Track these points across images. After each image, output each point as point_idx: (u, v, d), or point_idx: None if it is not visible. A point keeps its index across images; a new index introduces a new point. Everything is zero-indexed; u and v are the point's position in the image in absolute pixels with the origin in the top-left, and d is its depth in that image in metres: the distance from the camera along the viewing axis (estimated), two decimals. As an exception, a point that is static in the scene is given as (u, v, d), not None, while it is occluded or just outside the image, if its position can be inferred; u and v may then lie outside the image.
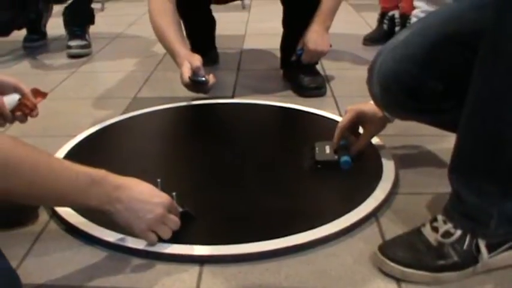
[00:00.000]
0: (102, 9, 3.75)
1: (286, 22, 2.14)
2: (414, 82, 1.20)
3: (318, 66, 2.13)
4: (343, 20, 3.31)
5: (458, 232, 1.01)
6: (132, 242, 1.10)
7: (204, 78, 1.79)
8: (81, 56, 2.58)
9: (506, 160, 0.97)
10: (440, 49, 1.17)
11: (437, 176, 1.36)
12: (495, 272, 1.03)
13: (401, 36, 1.23)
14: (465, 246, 1.00)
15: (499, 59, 0.92)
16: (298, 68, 2.05)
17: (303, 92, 2.02)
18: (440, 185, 1.15)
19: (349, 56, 2.55)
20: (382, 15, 2.80)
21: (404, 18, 2.72)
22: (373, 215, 1.22)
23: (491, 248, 1.01)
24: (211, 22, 2.43)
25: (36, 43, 2.80)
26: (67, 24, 2.66)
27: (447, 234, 1.01)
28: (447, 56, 1.17)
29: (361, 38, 2.79)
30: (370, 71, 1.26)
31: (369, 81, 1.26)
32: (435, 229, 1.03)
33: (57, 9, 2.86)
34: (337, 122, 1.46)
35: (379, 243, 1.08)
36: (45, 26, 2.86)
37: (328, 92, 2.04)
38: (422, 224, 1.06)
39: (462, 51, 1.11)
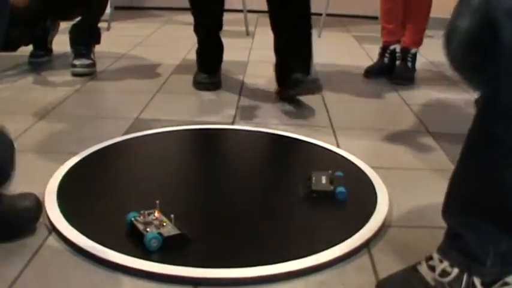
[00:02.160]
0: (108, 29, 3.77)
1: (276, 49, 2.32)
2: None
3: (319, 97, 2.16)
4: (345, 52, 3.37)
5: (456, 271, 1.01)
6: (129, 262, 1.12)
7: None
8: (85, 74, 2.60)
9: (502, 199, 0.98)
10: None
11: (430, 211, 1.38)
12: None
13: None
14: (463, 285, 1.01)
15: (497, 105, 0.93)
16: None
17: (298, 87, 2.10)
18: (433, 219, 1.17)
19: (350, 87, 2.58)
20: (384, 49, 2.82)
21: (405, 52, 2.76)
22: (366, 245, 1.24)
23: (486, 286, 1.02)
24: (221, 46, 2.49)
25: (42, 59, 2.82)
26: (73, 42, 2.67)
27: (444, 273, 1.02)
28: None
29: (362, 70, 2.82)
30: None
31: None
32: (432, 268, 1.04)
33: (64, 26, 2.89)
34: (335, 152, 1.49)
35: (377, 280, 1.10)
36: (51, 42, 2.88)
37: (327, 123, 2.06)
38: (418, 262, 1.07)
39: None
